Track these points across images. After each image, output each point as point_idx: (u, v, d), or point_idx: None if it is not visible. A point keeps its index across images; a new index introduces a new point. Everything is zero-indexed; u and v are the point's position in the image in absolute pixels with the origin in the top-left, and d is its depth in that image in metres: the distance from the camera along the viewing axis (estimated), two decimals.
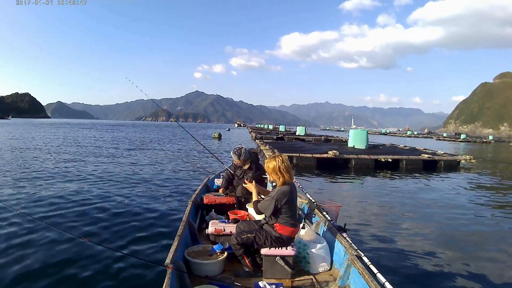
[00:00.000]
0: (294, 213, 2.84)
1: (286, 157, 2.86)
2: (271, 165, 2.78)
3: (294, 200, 2.84)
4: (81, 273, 3.37)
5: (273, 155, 2.90)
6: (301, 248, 3.01)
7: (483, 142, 62.41)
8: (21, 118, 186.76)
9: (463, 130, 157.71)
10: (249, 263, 2.84)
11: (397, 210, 6.82)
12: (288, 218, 2.76)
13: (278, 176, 2.75)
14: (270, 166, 2.78)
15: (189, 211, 3.66)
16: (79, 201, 6.20)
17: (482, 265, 4.10)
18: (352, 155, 14.03)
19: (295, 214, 2.85)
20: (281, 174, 2.74)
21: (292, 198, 2.79)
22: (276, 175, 2.76)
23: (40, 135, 28.85)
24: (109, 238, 4.40)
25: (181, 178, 9.35)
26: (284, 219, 2.75)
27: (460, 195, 8.75)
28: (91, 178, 8.70)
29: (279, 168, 2.74)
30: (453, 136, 78.63)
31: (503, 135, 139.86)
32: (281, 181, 2.76)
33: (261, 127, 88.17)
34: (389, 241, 4.77)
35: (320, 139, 31.24)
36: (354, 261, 2.56)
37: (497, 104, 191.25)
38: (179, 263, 2.47)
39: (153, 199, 6.68)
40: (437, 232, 5.43)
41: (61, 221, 5.05)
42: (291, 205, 2.77)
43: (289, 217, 2.76)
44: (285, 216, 2.75)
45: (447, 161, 14.53)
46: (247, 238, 2.80)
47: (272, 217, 2.78)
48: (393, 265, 3.89)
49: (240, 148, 4.43)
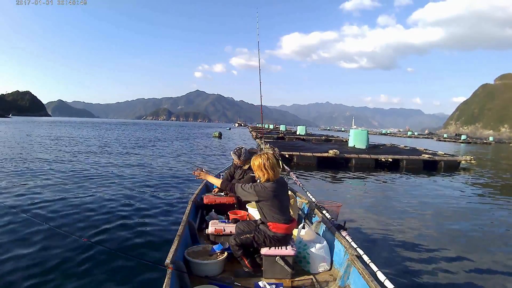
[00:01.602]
0: (284, 209, 2.81)
1: (272, 155, 2.89)
2: (257, 162, 2.82)
3: (281, 196, 2.81)
4: (80, 274, 3.36)
5: (259, 153, 2.93)
6: (301, 248, 3.00)
7: (483, 143, 62.39)
8: (21, 116, 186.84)
9: (463, 131, 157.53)
10: (248, 263, 2.84)
11: (397, 210, 6.82)
12: (278, 215, 2.74)
13: (263, 173, 2.80)
14: (256, 163, 2.83)
15: (189, 211, 3.65)
16: (78, 201, 6.18)
17: (482, 265, 4.11)
18: (353, 155, 14.04)
19: (285, 210, 2.82)
20: (266, 171, 2.78)
21: (277, 195, 2.76)
22: (261, 172, 2.80)
23: (41, 134, 28.85)
24: (109, 238, 4.39)
25: (181, 178, 9.34)
26: (274, 217, 2.74)
27: (460, 195, 8.75)
28: (91, 178, 8.69)
29: (264, 165, 2.77)
30: (454, 137, 78.61)
31: (503, 137, 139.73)
32: (265, 178, 2.79)
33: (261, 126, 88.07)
34: (389, 241, 4.78)
35: (321, 139, 31.23)
36: (354, 261, 2.56)
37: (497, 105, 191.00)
38: (179, 263, 2.46)
39: (153, 199, 6.67)
40: (437, 232, 5.43)
41: (61, 221, 5.04)
42: (276, 201, 2.75)
43: (279, 213, 2.75)
44: (273, 213, 2.74)
45: (448, 162, 14.52)
46: (246, 238, 2.80)
47: (265, 217, 2.78)
48: (393, 264, 3.89)
49: (240, 148, 4.42)
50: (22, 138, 22.39)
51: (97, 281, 3.24)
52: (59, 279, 3.26)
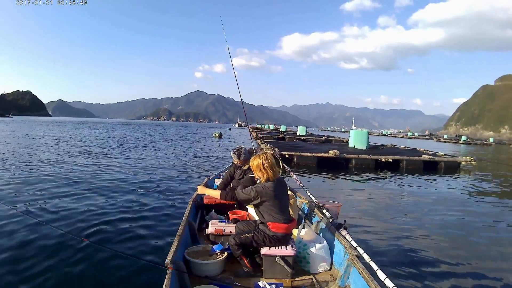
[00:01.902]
0: (283, 209, 2.81)
1: (270, 155, 2.90)
2: (255, 162, 2.83)
3: (281, 196, 2.81)
4: (80, 274, 3.36)
5: (258, 153, 2.94)
6: (301, 248, 3.00)
7: (483, 144, 62.36)
8: (22, 116, 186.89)
9: (463, 132, 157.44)
10: (248, 263, 2.84)
11: (397, 210, 6.82)
12: (278, 215, 2.74)
13: (262, 173, 2.80)
14: (255, 163, 2.84)
15: (189, 211, 3.65)
16: (78, 201, 6.19)
17: (482, 264, 4.11)
18: (353, 155, 14.03)
19: (284, 210, 2.83)
20: (265, 171, 2.79)
21: (277, 194, 2.76)
22: (260, 172, 2.81)
23: (41, 134, 28.86)
24: (109, 238, 4.39)
25: (181, 178, 9.35)
26: (274, 216, 2.74)
27: (460, 196, 8.75)
28: (91, 178, 8.69)
29: (263, 165, 2.79)
30: (454, 138, 78.57)
31: (504, 138, 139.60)
32: (265, 178, 2.80)
33: (262, 127, 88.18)
34: (389, 240, 4.78)
35: (321, 139, 31.21)
36: (354, 261, 2.56)
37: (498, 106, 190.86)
38: (179, 263, 2.46)
39: (153, 199, 6.67)
40: (436, 232, 5.43)
41: (61, 221, 5.04)
42: (276, 200, 2.75)
43: (279, 213, 2.75)
44: (273, 213, 2.74)
45: (448, 162, 14.52)
46: (245, 238, 2.80)
47: (263, 216, 2.78)
48: (393, 263, 3.89)
49: (240, 148, 4.41)
50: (23, 137, 22.40)
51: (97, 281, 3.24)
52: (59, 279, 3.26)
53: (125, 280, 3.26)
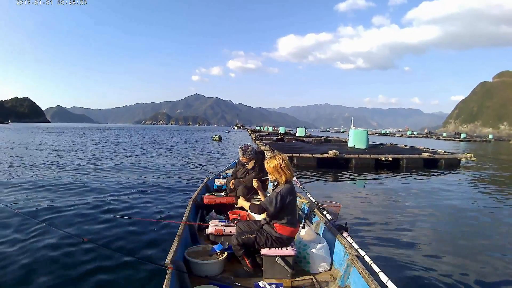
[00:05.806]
0: (295, 213, 2.85)
1: (285, 156, 2.90)
2: (272, 164, 2.79)
3: (294, 198, 2.84)
4: (81, 273, 3.36)
5: (273, 155, 2.92)
6: (301, 248, 3.00)
7: (483, 141, 62.48)
8: (21, 122, 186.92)
9: (463, 130, 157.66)
10: (249, 263, 2.83)
11: (398, 209, 6.80)
12: (289, 218, 2.76)
13: (280, 174, 2.77)
14: (271, 165, 2.80)
15: (189, 211, 3.66)
16: (78, 202, 6.20)
17: (483, 264, 4.08)
18: (353, 155, 14.01)
19: (295, 214, 2.86)
20: (283, 172, 2.76)
21: (295, 197, 2.80)
22: (278, 173, 2.78)
23: (41, 139, 28.82)
24: (109, 238, 4.39)
25: (181, 178, 9.36)
26: (285, 219, 2.74)
27: (461, 193, 8.73)
28: (91, 179, 8.68)
29: (280, 166, 2.76)
30: (453, 136, 78.70)
31: (503, 134, 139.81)
32: (283, 179, 2.77)
33: (261, 129, 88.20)
34: (390, 240, 4.75)
35: (320, 140, 31.22)
36: (354, 261, 2.55)
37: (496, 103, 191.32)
38: (179, 263, 2.46)
39: (153, 199, 6.69)
40: (438, 231, 5.41)
41: (61, 221, 5.05)
42: (293, 204, 2.78)
43: (290, 217, 2.76)
44: (286, 216, 2.75)
45: (448, 160, 14.52)
46: (248, 239, 2.79)
47: (273, 218, 2.77)
48: (394, 264, 3.87)
49: (248, 146, 4.44)
50: (22, 142, 22.35)
51: (97, 281, 3.23)
52: (59, 278, 3.26)
53: (125, 280, 3.25)
